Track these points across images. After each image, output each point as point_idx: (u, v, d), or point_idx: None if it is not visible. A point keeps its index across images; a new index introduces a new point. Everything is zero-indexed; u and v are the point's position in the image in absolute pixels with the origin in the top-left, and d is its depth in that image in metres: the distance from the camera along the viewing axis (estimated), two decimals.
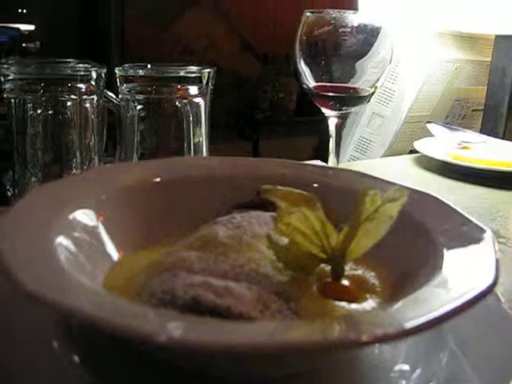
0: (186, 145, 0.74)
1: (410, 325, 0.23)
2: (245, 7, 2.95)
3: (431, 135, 1.00)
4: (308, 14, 0.62)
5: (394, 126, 1.07)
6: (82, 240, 0.34)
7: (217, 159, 0.46)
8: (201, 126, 0.76)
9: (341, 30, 0.59)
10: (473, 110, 1.17)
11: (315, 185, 0.44)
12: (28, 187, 0.71)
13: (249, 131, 3.07)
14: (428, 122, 1.00)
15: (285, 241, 0.32)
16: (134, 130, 0.74)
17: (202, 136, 0.76)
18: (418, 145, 0.92)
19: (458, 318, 0.25)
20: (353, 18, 0.60)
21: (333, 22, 0.59)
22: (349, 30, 0.59)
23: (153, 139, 0.76)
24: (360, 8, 1.05)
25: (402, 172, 0.89)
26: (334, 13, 0.60)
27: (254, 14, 2.88)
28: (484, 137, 0.98)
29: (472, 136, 0.98)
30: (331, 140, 0.65)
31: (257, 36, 2.70)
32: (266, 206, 0.43)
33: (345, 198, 0.41)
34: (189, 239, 0.35)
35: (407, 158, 0.97)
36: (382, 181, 0.43)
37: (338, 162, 0.66)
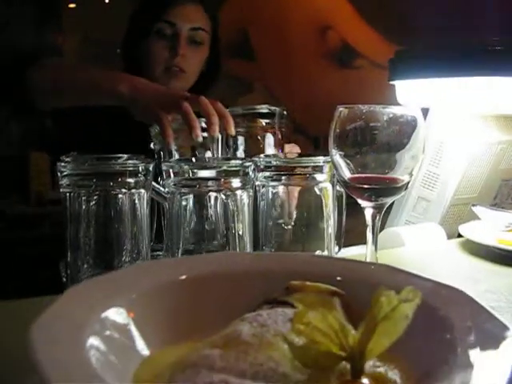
0: (231, 238, 0.75)
1: None
2: (295, 93, 3.07)
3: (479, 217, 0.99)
4: (341, 108, 0.64)
5: (439, 210, 1.06)
6: (114, 339, 0.37)
7: (249, 255, 0.48)
8: (244, 219, 0.77)
9: (371, 124, 0.61)
10: None
11: (338, 278, 0.45)
12: (80, 274, 0.75)
13: None
14: (473, 205, 0.99)
15: (303, 340, 0.33)
16: (179, 222, 0.76)
17: (244, 229, 0.77)
18: (463, 229, 0.91)
19: None
20: (384, 112, 0.61)
21: (363, 117, 0.61)
22: (379, 124, 0.61)
23: (197, 232, 0.78)
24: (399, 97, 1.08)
25: (448, 258, 0.88)
26: (364, 108, 0.62)
27: (304, 100, 2.99)
28: None
29: None
30: (368, 230, 0.66)
31: (308, 119, 2.78)
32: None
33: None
34: (214, 337, 0.37)
35: (454, 243, 0.96)
36: (414, 276, 0.44)
37: (376, 250, 0.66)
